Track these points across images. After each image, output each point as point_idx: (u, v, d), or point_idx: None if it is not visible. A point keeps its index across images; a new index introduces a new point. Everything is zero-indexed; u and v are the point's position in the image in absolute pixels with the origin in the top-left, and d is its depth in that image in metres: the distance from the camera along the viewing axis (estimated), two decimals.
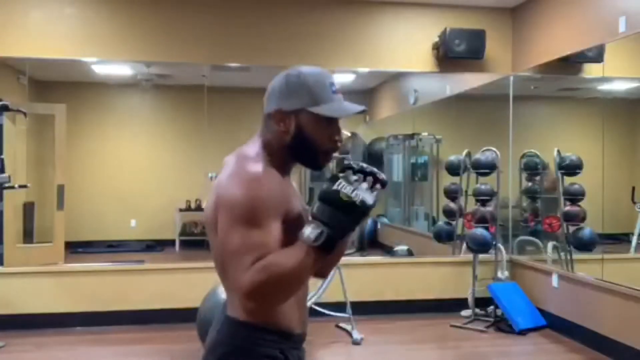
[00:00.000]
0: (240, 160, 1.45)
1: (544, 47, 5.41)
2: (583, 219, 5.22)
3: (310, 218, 1.36)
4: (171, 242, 8.71)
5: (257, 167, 1.41)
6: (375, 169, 1.44)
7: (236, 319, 1.46)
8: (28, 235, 6.71)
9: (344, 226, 1.34)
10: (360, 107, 1.50)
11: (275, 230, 1.36)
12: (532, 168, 5.90)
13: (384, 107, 9.03)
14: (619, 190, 5.44)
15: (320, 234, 1.32)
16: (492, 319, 5.31)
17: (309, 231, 1.32)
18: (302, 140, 1.46)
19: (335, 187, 1.34)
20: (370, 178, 1.41)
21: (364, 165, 1.45)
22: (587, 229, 5.18)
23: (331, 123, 1.47)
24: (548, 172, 5.71)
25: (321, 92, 1.46)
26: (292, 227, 1.41)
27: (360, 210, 1.33)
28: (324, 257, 1.34)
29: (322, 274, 1.65)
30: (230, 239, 1.35)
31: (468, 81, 6.35)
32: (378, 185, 1.41)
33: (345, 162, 1.47)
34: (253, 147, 1.50)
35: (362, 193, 1.34)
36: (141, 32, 5.38)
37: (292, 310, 1.49)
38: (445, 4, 5.74)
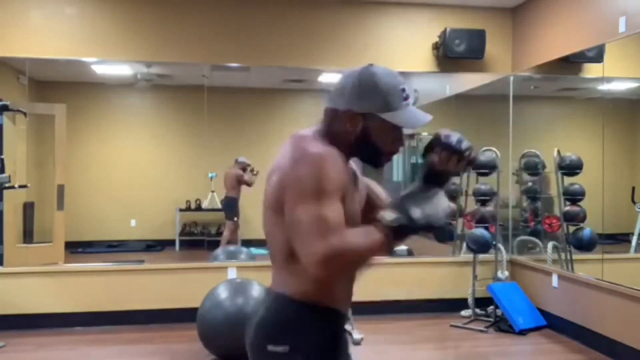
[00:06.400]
0: (299, 142, 1.47)
1: (544, 47, 5.41)
2: (583, 219, 5.22)
3: (393, 205, 1.44)
4: (171, 242, 8.70)
5: (319, 147, 1.44)
6: (463, 147, 1.48)
7: (285, 295, 1.49)
8: (28, 235, 6.71)
9: (420, 226, 1.40)
10: (429, 117, 1.52)
11: (340, 205, 1.40)
12: (532, 168, 5.90)
13: None
14: (619, 190, 5.44)
15: (397, 219, 1.38)
16: (492, 319, 5.31)
17: (390, 214, 1.40)
18: (366, 142, 1.49)
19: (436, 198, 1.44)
20: (455, 157, 1.47)
21: (454, 141, 1.48)
22: (587, 229, 5.18)
23: (397, 129, 1.50)
24: None
25: (393, 98, 1.47)
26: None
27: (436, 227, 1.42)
28: (393, 244, 1.40)
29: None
30: (300, 212, 1.36)
31: (468, 81, 6.35)
32: (463, 163, 1.49)
33: (443, 134, 1.49)
34: (311, 133, 1.52)
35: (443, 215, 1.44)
36: (141, 32, 5.38)
37: (342, 291, 1.54)
38: (445, 4, 5.74)
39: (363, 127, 1.48)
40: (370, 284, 5.59)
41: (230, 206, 7.90)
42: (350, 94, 1.47)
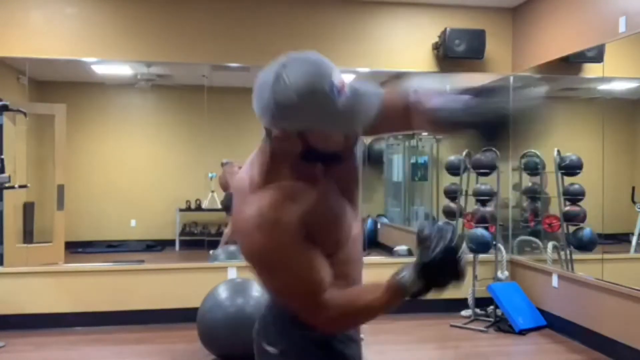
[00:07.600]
0: (256, 194, 1.31)
1: (544, 47, 5.41)
2: (583, 219, 5.22)
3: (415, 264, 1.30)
4: (171, 242, 8.70)
5: (275, 204, 1.27)
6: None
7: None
8: (28, 235, 6.71)
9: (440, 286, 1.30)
10: (375, 101, 1.26)
11: (314, 256, 1.29)
12: (532, 168, 5.90)
13: None
14: (619, 190, 5.44)
15: (421, 288, 1.29)
16: (492, 319, 5.31)
17: (408, 277, 1.29)
18: (314, 152, 1.28)
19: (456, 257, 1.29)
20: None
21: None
22: (587, 229, 5.18)
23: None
24: None
25: (323, 110, 1.19)
26: (324, 233, 1.35)
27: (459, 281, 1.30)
28: (403, 300, 1.31)
29: None
30: (279, 286, 1.33)
31: (468, 81, 6.34)
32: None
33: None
34: (264, 164, 1.34)
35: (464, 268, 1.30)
36: (141, 32, 5.38)
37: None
38: (445, 4, 5.74)
39: (302, 142, 1.25)
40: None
41: (231, 201, 7.88)
42: (273, 116, 1.22)
